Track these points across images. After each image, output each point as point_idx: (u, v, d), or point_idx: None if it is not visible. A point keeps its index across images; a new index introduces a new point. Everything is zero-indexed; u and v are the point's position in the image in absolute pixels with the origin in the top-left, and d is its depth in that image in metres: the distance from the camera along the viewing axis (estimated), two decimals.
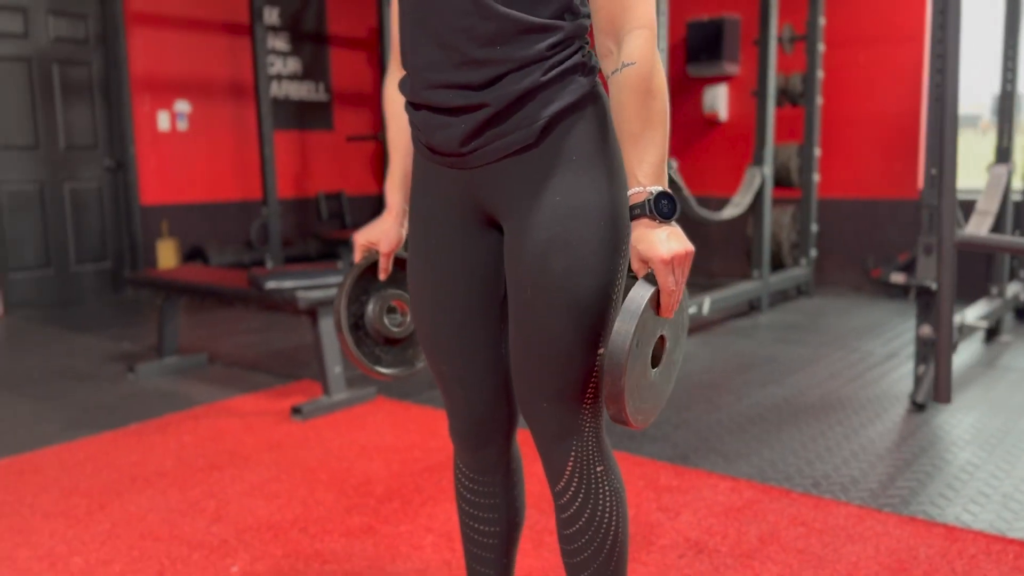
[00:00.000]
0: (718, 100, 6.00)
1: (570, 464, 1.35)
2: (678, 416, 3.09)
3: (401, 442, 2.84)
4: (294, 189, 6.86)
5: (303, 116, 6.88)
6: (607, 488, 1.38)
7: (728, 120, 6.05)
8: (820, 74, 5.12)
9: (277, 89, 6.68)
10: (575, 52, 1.24)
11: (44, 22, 5.58)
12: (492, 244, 1.34)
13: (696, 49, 5.89)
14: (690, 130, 6.25)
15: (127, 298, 5.96)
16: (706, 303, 4.34)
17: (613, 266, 1.26)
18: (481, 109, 1.22)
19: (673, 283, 1.20)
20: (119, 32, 5.83)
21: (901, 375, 3.57)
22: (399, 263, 1.57)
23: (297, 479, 2.53)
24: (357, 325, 1.58)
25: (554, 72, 1.21)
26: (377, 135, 7.16)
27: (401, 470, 2.59)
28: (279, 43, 6.71)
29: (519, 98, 1.21)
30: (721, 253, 6.14)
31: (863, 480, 2.45)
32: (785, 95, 5.25)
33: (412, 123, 1.33)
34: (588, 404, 1.31)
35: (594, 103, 1.26)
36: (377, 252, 1.54)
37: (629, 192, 1.21)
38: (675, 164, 3.98)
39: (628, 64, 1.18)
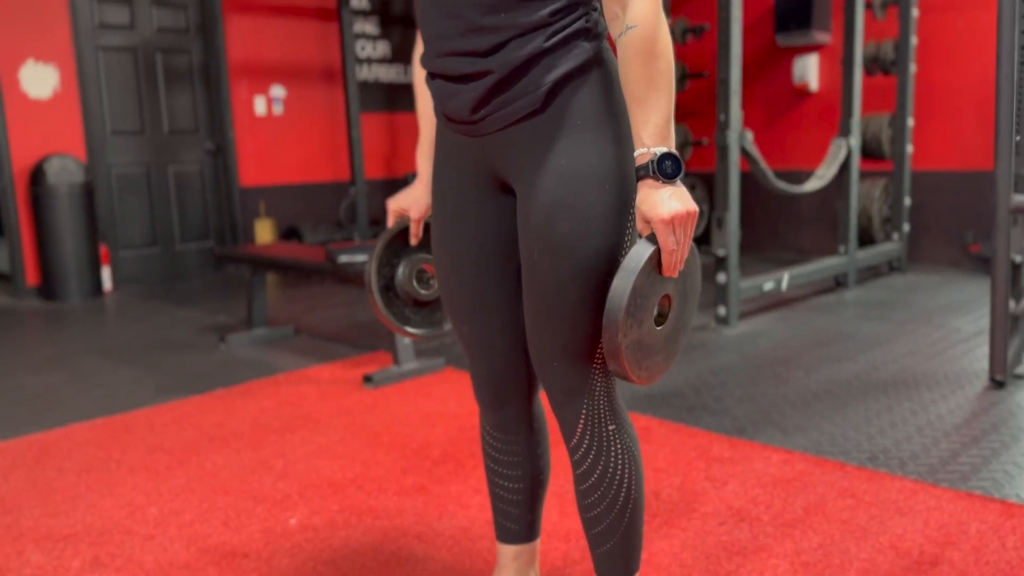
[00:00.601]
0: (808, 70, 5.83)
1: (581, 422, 1.39)
2: (742, 390, 3.06)
3: (463, 410, 2.92)
4: (383, 170, 7.04)
5: (392, 98, 7.05)
6: (619, 446, 1.41)
7: (819, 91, 5.87)
8: (914, 40, 4.90)
9: (367, 72, 6.86)
10: (579, 18, 1.27)
11: (148, 13, 5.91)
12: (507, 209, 1.39)
13: (784, 18, 5.73)
14: (779, 102, 6.09)
15: (227, 275, 6.27)
16: (784, 279, 4.26)
17: (619, 228, 1.29)
18: (487, 76, 1.26)
19: (674, 242, 1.22)
20: (217, 21, 6.11)
21: (986, 352, 3.42)
22: (429, 229, 1.63)
23: (361, 442, 2.65)
24: (388, 287, 1.66)
25: (557, 38, 1.25)
26: None
27: (459, 436, 2.67)
28: (368, 27, 6.88)
29: (523, 64, 1.25)
30: (812, 228, 5.98)
31: (923, 455, 2.39)
32: (877, 63, 5.05)
33: (431, 93, 1.39)
34: (597, 364, 1.35)
35: (599, 67, 1.29)
36: (408, 218, 1.62)
37: (635, 153, 1.24)
38: (750, 136, 3.91)
39: (631, 27, 1.21)
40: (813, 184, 4.45)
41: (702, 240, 6.04)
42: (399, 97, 7.10)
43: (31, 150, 5.36)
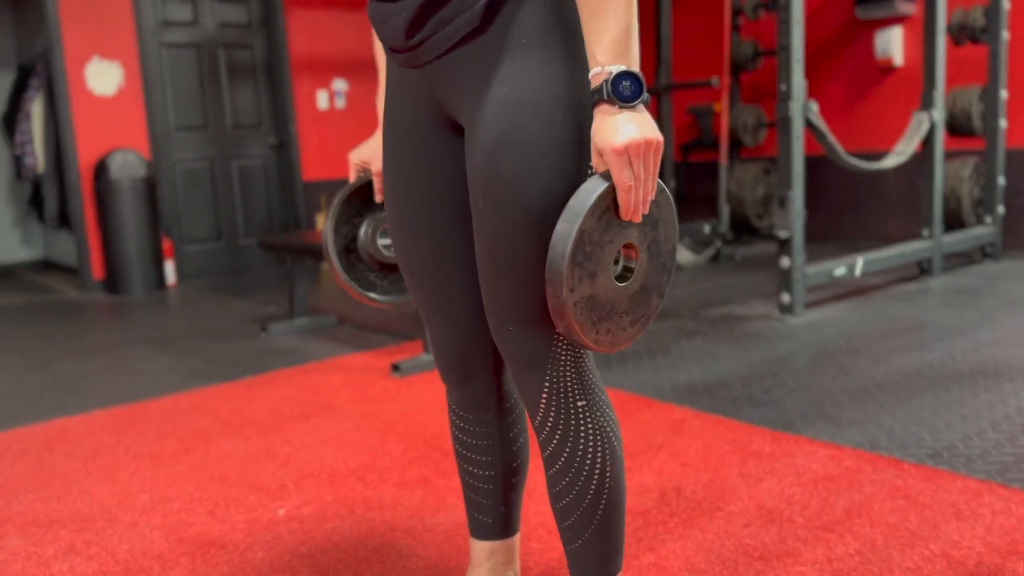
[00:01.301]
0: (892, 44, 5.41)
1: (544, 396, 1.19)
2: (796, 381, 2.78)
3: None
4: None
5: None
6: (590, 426, 1.20)
7: (904, 65, 5.45)
8: (1006, 5, 4.46)
9: None
10: None
11: (211, 9, 5.95)
12: (461, 152, 1.21)
13: None
14: (860, 78, 5.68)
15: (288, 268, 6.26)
16: (858, 264, 3.92)
17: (576, 167, 1.09)
18: None
19: (629, 177, 1.02)
20: (279, 16, 6.11)
21: None
22: None
23: (374, 430, 2.51)
24: (349, 248, 1.49)
25: None
26: None
27: None
28: None
29: None
30: (897, 212, 5.56)
31: (995, 453, 2.08)
32: (965, 31, 4.63)
33: (369, 17, 1.22)
34: None
35: None
36: (371, 172, 1.46)
37: (589, 74, 1.04)
38: (815, 107, 3.59)
39: None
40: (891, 161, 4.09)
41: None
42: None
43: (96, 146, 5.45)
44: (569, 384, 1.19)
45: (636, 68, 1.03)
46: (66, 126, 5.36)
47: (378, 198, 1.47)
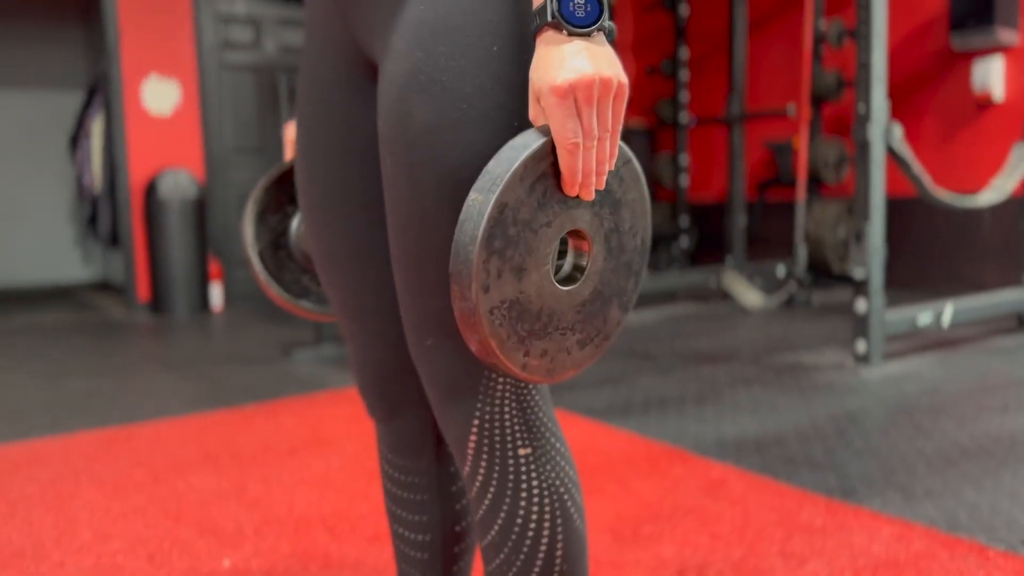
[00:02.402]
0: (991, 76, 4.92)
1: (472, 438, 0.87)
2: (864, 441, 2.36)
3: None
4: None
5: None
6: (536, 483, 0.88)
7: (1005, 101, 4.95)
8: None
9: None
10: None
11: (273, 33, 5.88)
12: None
13: (961, 15, 4.88)
14: (955, 113, 5.20)
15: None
16: (947, 311, 3.45)
17: (515, 117, 0.78)
18: None
19: (574, 131, 0.71)
20: None
21: None
22: None
23: (362, 471, 2.20)
24: (278, 244, 1.20)
25: None
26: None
27: None
28: None
29: None
30: (995, 258, 5.01)
31: None
32: None
33: None
34: None
35: None
36: None
37: None
38: (898, 131, 3.18)
39: None
40: (987, 197, 3.62)
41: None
42: None
43: (149, 165, 5.39)
44: (508, 424, 0.86)
45: None
46: (120, 144, 5.32)
47: None
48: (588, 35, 0.71)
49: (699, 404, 2.80)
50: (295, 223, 1.20)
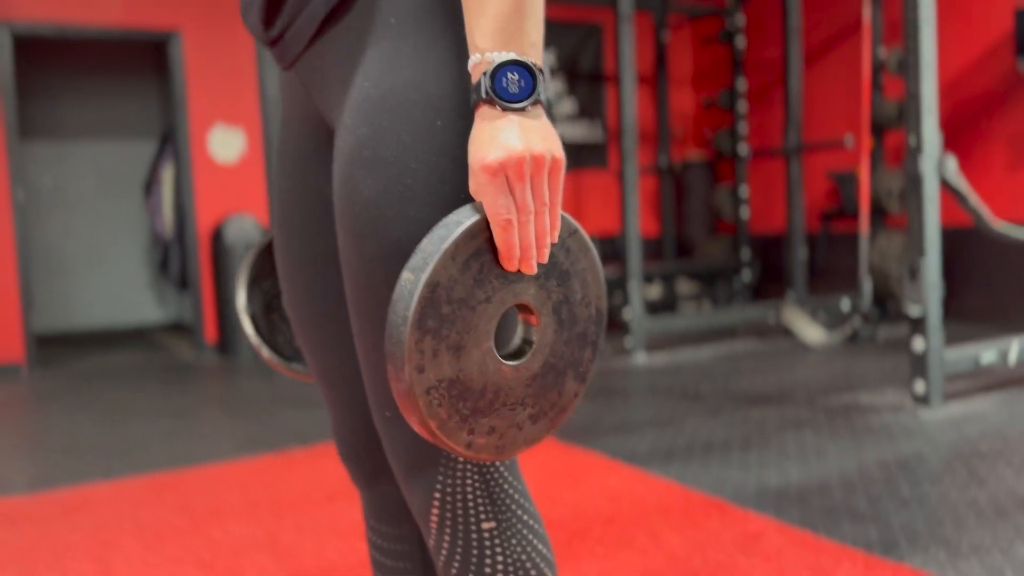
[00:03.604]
0: None
1: (435, 511, 0.87)
2: (913, 489, 2.26)
3: (534, 490, 2.38)
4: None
5: (578, 156, 6.72)
6: (501, 559, 0.87)
7: None
8: None
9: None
10: None
11: None
12: None
13: None
14: None
15: None
16: (1013, 349, 3.29)
17: (459, 190, 0.79)
18: None
19: (506, 207, 0.71)
20: None
21: None
22: None
23: None
24: (271, 307, 1.22)
25: None
26: (657, 166, 6.76)
27: None
28: (555, 85, 6.64)
29: None
30: None
31: None
32: None
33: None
34: None
35: None
36: None
37: (468, 65, 0.75)
38: (952, 164, 3.07)
39: None
40: None
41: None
42: (586, 155, 6.75)
43: (215, 211, 5.57)
44: (470, 496, 0.86)
45: (531, 56, 0.73)
46: (187, 191, 5.52)
47: None
48: (522, 110, 0.71)
49: (744, 450, 2.73)
50: None
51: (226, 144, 5.60)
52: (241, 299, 1.19)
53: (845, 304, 5.16)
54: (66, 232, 7.20)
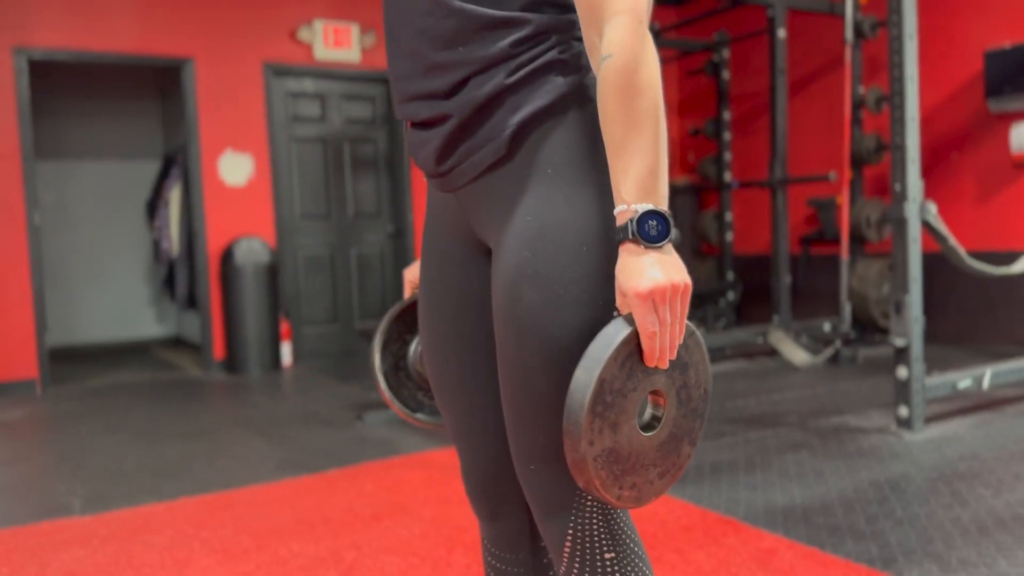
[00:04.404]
0: None
1: (567, 544, 1.11)
2: (905, 510, 2.54)
3: None
4: None
5: None
6: None
7: None
8: None
9: None
10: (550, 48, 1.05)
11: (338, 106, 6.27)
12: (490, 276, 1.17)
13: (997, 81, 5.06)
14: (994, 173, 5.35)
15: None
16: (986, 376, 3.60)
17: (600, 301, 1.03)
18: (447, 120, 1.08)
19: (654, 323, 0.95)
20: None
21: None
22: None
23: (443, 537, 2.44)
24: (398, 367, 1.46)
25: (522, 72, 1.04)
26: None
27: None
28: None
29: (484, 104, 1.05)
30: None
31: None
32: None
33: (407, 143, 1.22)
34: None
35: (579, 106, 1.06)
36: None
37: (615, 211, 0.99)
38: (933, 208, 3.38)
39: (607, 57, 0.98)
40: (1022, 265, 3.78)
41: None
42: None
43: (225, 233, 5.76)
44: (596, 533, 1.10)
45: (663, 206, 0.97)
46: (198, 213, 5.71)
47: None
48: (660, 248, 0.96)
49: (749, 471, 2.99)
50: (411, 349, 1.46)
51: (235, 168, 5.80)
52: (376, 361, 1.43)
53: (827, 327, 5.47)
54: (70, 248, 7.34)
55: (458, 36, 1.05)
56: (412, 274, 1.44)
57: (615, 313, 1.02)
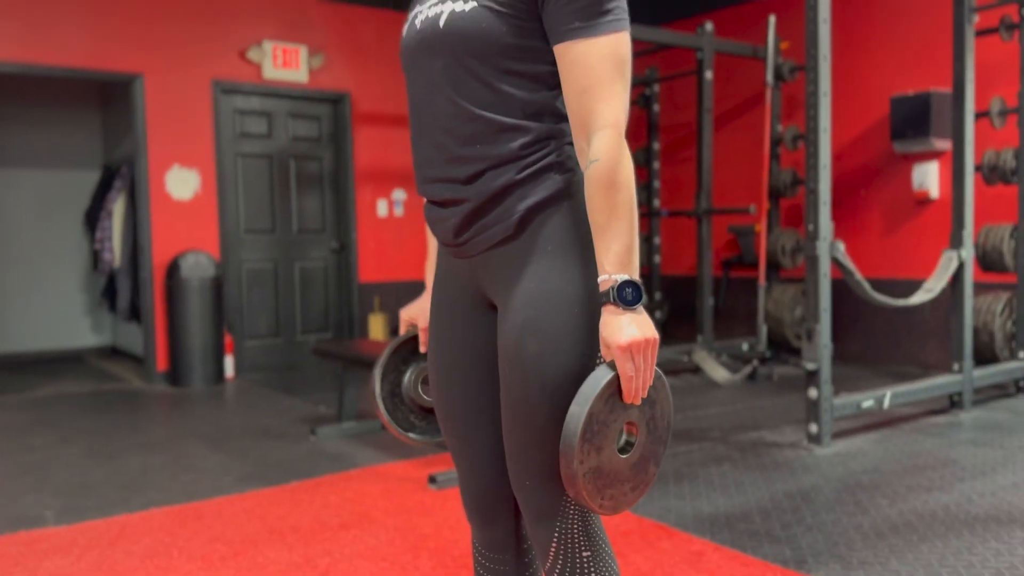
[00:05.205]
0: (928, 177, 5.61)
1: (554, 545, 1.38)
2: (814, 517, 2.89)
3: None
4: None
5: None
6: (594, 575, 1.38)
7: (940, 198, 5.62)
8: None
9: None
10: (550, 152, 1.33)
11: (285, 124, 6.43)
12: (494, 325, 1.44)
13: (901, 125, 5.57)
14: (898, 208, 5.87)
15: (340, 375, 6.53)
16: (886, 397, 4.02)
17: (587, 350, 1.30)
18: (464, 203, 1.34)
19: (631, 369, 1.23)
20: (347, 131, 6.57)
21: None
22: None
23: (408, 544, 2.68)
24: (394, 393, 1.71)
25: (529, 171, 1.31)
26: None
27: None
28: None
29: (497, 194, 1.32)
30: (935, 338, 5.64)
31: None
32: (996, 172, 4.81)
33: (425, 216, 1.48)
34: None
35: (570, 198, 1.33)
36: (416, 327, 1.69)
37: (598, 280, 1.27)
38: (841, 246, 3.78)
39: (594, 161, 1.26)
40: (920, 297, 4.23)
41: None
42: None
43: (171, 246, 5.86)
44: (576, 536, 1.38)
45: (637, 277, 1.26)
46: (144, 227, 5.79)
47: (422, 349, 1.69)
48: (634, 309, 1.24)
49: (678, 482, 3.32)
50: (406, 378, 1.72)
51: (182, 184, 5.90)
52: (377, 388, 1.68)
53: (745, 346, 5.89)
54: (5, 257, 7.27)
55: (477, 136, 1.32)
56: (408, 314, 1.70)
57: (599, 360, 1.30)
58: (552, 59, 1.31)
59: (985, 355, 4.89)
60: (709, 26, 5.89)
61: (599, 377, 1.24)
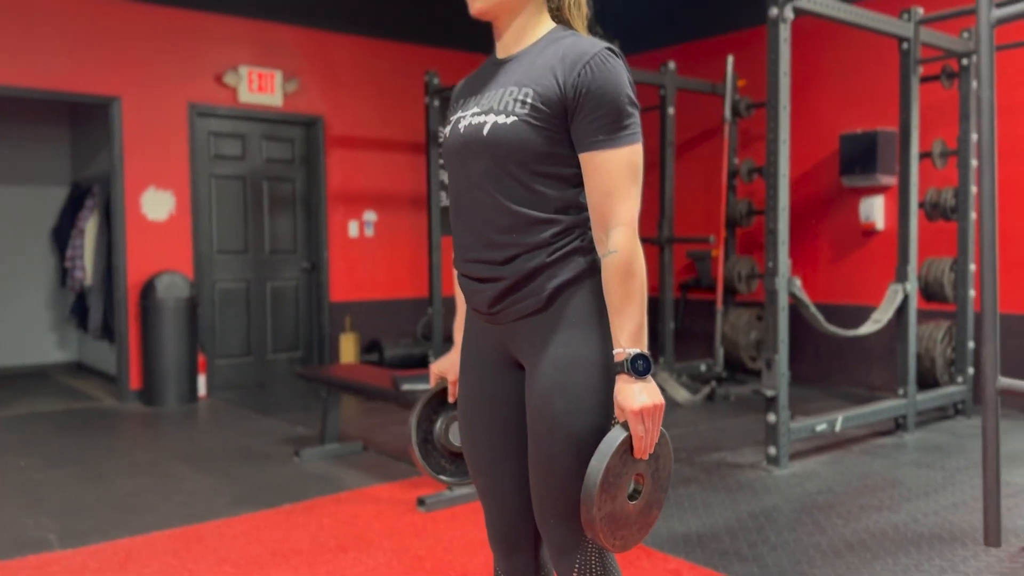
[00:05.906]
0: (875, 210, 5.97)
1: (574, 574, 1.59)
2: (778, 536, 3.16)
3: None
4: None
5: None
6: None
7: (886, 230, 6.00)
8: (973, 189, 5.02)
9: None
10: (576, 239, 1.55)
11: (258, 146, 6.55)
12: (519, 382, 1.65)
13: (849, 161, 5.93)
14: (846, 238, 6.23)
15: (311, 384, 6.66)
16: (838, 421, 4.33)
17: (606, 408, 1.53)
18: (501, 281, 1.55)
19: (643, 430, 1.45)
20: (320, 153, 6.71)
21: None
22: None
23: (406, 566, 2.87)
24: (427, 440, 1.91)
25: (557, 254, 1.53)
26: None
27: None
28: None
29: (529, 274, 1.53)
30: (881, 363, 6.00)
31: None
32: (937, 209, 5.17)
33: (459, 287, 1.68)
34: None
35: (591, 277, 1.56)
36: (446, 380, 1.90)
37: (614, 352, 1.49)
38: (798, 282, 4.08)
39: (612, 252, 1.48)
40: (868, 328, 4.56)
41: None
42: None
43: (145, 266, 5.94)
44: (593, 567, 1.60)
45: (646, 351, 1.48)
46: (120, 247, 5.87)
47: (450, 400, 1.90)
48: (645, 379, 1.47)
49: None
50: (437, 427, 1.92)
51: (157, 205, 5.99)
52: (413, 436, 1.88)
53: (703, 367, 6.19)
54: None
55: (514, 227, 1.53)
56: (439, 368, 1.90)
57: (614, 420, 1.52)
58: (577, 163, 1.53)
59: (927, 380, 5.25)
60: (672, 65, 6.19)
61: (615, 436, 1.46)
